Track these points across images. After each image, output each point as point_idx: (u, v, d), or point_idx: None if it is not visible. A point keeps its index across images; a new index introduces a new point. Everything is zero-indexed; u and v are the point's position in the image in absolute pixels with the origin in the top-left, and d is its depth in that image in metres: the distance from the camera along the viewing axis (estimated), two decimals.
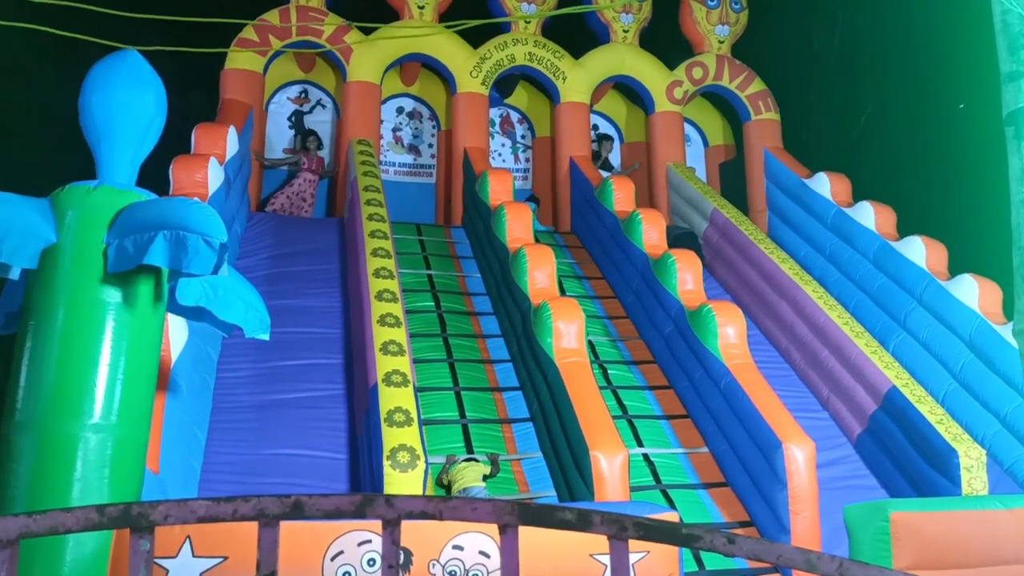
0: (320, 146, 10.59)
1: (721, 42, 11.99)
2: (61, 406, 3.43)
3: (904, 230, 8.54)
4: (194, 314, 4.40)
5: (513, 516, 1.34)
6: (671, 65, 11.78)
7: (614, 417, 6.49)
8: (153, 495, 4.36)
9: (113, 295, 3.56)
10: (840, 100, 11.88)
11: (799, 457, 5.89)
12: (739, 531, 6.00)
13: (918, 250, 8.02)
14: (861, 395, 7.20)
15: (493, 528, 1.52)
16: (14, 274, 3.75)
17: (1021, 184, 2.94)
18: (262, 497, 1.32)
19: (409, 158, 11.86)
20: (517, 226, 8.47)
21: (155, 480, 4.52)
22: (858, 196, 9.35)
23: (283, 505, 1.31)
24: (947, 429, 6.45)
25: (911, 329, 7.75)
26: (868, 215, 8.80)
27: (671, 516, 3.79)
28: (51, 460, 3.39)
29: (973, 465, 6.22)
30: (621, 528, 1.36)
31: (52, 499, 3.36)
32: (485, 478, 6.05)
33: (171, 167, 6.99)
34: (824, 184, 9.57)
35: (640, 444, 6.87)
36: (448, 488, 6.04)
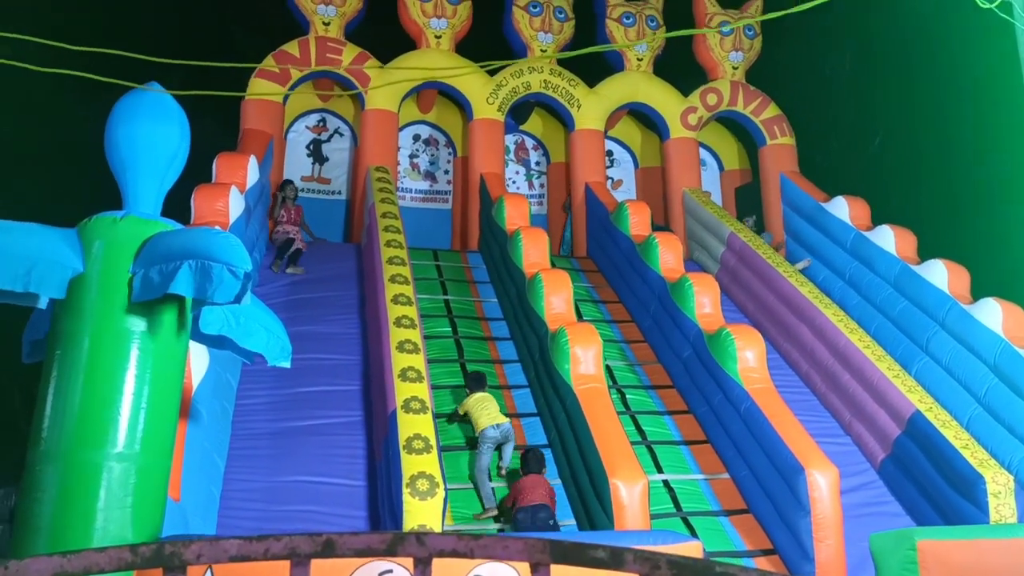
0: (296, 196, 9.62)
1: (735, 68, 12.05)
2: (85, 435, 3.46)
3: (924, 254, 8.48)
4: (216, 342, 4.44)
5: (545, 555, 1.33)
6: (685, 91, 11.84)
7: (633, 443, 6.44)
8: (174, 523, 4.36)
9: (138, 324, 3.60)
10: (853, 123, 11.88)
11: (822, 483, 5.82)
12: (762, 560, 5.92)
13: (940, 274, 7.95)
14: (884, 419, 7.11)
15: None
16: (42, 303, 3.80)
17: None
18: (293, 536, 1.32)
19: (425, 184, 11.95)
20: (534, 251, 8.49)
21: (176, 508, 4.53)
22: (876, 219, 9.31)
23: (314, 544, 1.32)
24: (973, 454, 6.35)
25: (934, 353, 7.66)
26: (888, 239, 8.75)
27: (694, 546, 3.75)
28: (75, 489, 3.40)
29: (1000, 491, 6.10)
30: (654, 566, 1.35)
31: (75, 528, 3.37)
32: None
33: (193, 196, 7.08)
34: (842, 208, 9.54)
35: (660, 470, 6.81)
36: (472, 423, 6.52)
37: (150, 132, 3.99)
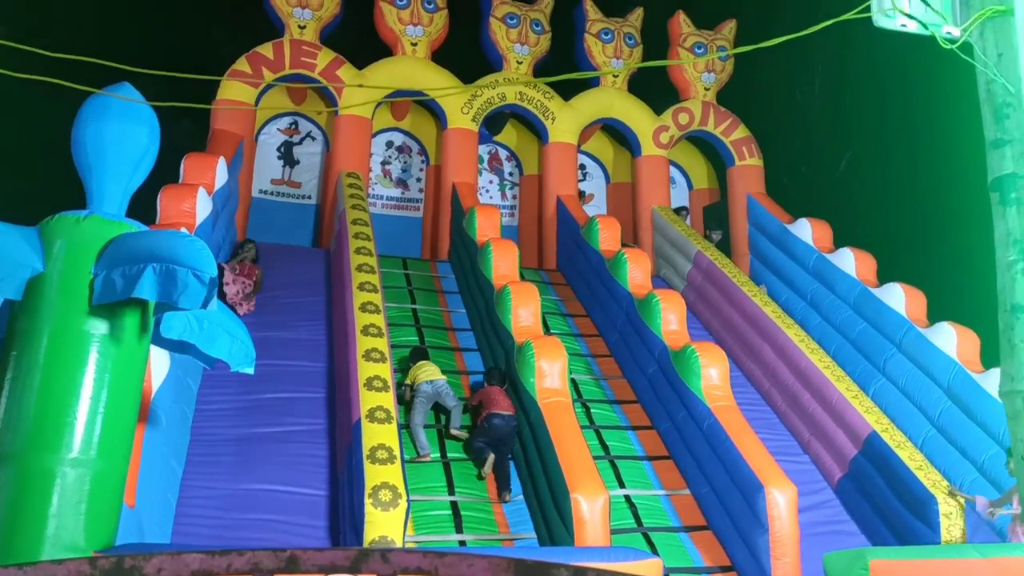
0: (257, 257, 8.57)
1: (707, 89, 12.25)
2: (40, 439, 3.38)
3: (887, 276, 8.68)
4: (178, 347, 4.36)
5: (509, 573, 1.34)
6: (658, 109, 11.99)
7: (596, 458, 6.48)
8: (128, 530, 4.27)
9: (98, 327, 3.53)
10: (822, 147, 12.16)
11: (781, 501, 5.90)
12: None
13: (898, 297, 8.14)
14: (842, 439, 7.25)
15: None
16: None
17: (1006, 248, 3.01)
18: (256, 551, 1.31)
19: (397, 192, 11.92)
20: (503, 263, 8.51)
21: (131, 514, 4.43)
22: (841, 242, 9.51)
23: (278, 559, 1.31)
24: (926, 476, 6.50)
25: (891, 375, 7.83)
26: (848, 261, 8.94)
27: (654, 563, 3.77)
28: (28, 495, 3.32)
29: (952, 512, 6.25)
30: None
31: (26, 534, 3.29)
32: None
33: (159, 196, 6.97)
34: (806, 230, 9.72)
35: (622, 485, 6.85)
36: (412, 387, 7.06)
37: (118, 132, 3.92)
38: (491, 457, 6.66)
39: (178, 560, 1.27)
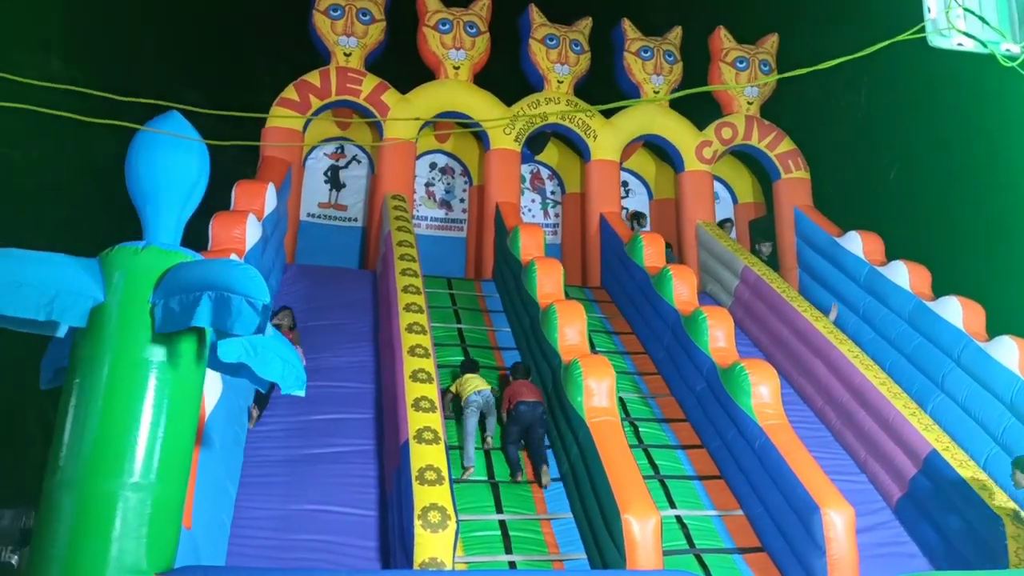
0: (294, 324, 7.87)
1: (750, 103, 12.13)
2: (102, 464, 3.48)
3: (940, 290, 8.44)
4: (233, 370, 4.46)
5: None
6: (700, 125, 11.91)
7: (646, 477, 6.40)
8: (185, 552, 4.35)
9: (157, 354, 3.64)
10: (868, 158, 11.91)
11: (838, 523, 5.75)
12: None
13: (955, 310, 7.90)
14: (900, 458, 7.03)
15: None
16: (61, 332, 3.83)
17: None
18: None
19: (441, 212, 12.02)
20: (548, 282, 8.51)
21: (187, 536, 4.52)
22: (890, 255, 9.29)
23: None
24: (991, 496, 6.26)
25: (949, 391, 7.59)
26: (902, 274, 8.72)
27: None
28: (90, 519, 3.41)
29: (1020, 535, 6.00)
30: None
31: (90, 558, 3.38)
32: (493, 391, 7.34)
33: (211, 223, 7.16)
34: (856, 243, 9.52)
35: (673, 506, 6.74)
36: (457, 398, 7.25)
37: (170, 162, 4.03)
38: (524, 455, 7.04)
39: None
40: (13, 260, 3.58)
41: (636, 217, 11.54)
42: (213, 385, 5.61)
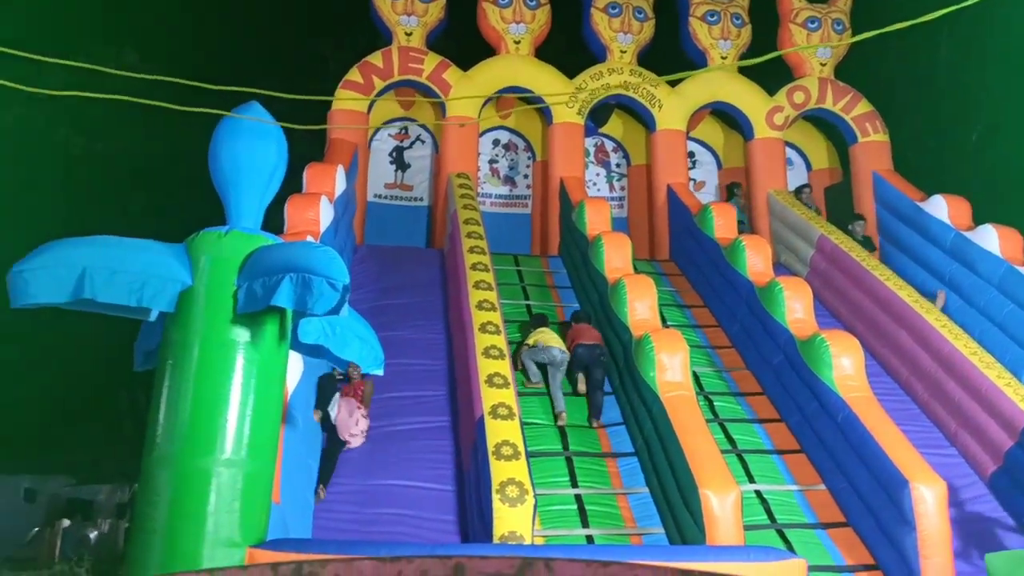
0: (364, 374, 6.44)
1: (823, 64, 11.65)
2: (195, 442, 3.61)
3: None
4: (313, 351, 4.56)
5: None
6: (771, 90, 11.51)
7: (723, 452, 6.29)
8: (275, 526, 4.49)
9: (243, 335, 3.74)
10: (950, 118, 11.31)
11: (928, 497, 5.55)
12: (864, 575, 5.68)
13: None
14: (994, 430, 6.72)
15: None
16: (151, 316, 3.98)
17: None
18: (425, 558, 1.33)
19: (505, 189, 12.00)
20: (616, 256, 8.40)
21: (276, 511, 4.66)
22: (977, 219, 8.83)
23: (445, 567, 1.32)
24: None
25: None
26: (991, 239, 8.29)
27: (798, 564, 3.62)
28: (187, 494, 3.56)
29: None
30: None
31: (188, 532, 3.53)
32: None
33: (286, 206, 7.30)
34: (941, 207, 9.09)
35: (752, 480, 6.61)
36: (531, 347, 7.57)
37: (250, 151, 4.15)
38: (581, 377, 7.48)
39: (352, 567, 1.31)
40: (106, 247, 3.73)
41: (732, 188, 11.25)
42: (295, 365, 5.76)
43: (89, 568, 9.68)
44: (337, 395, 6.54)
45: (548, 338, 7.62)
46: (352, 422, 6.44)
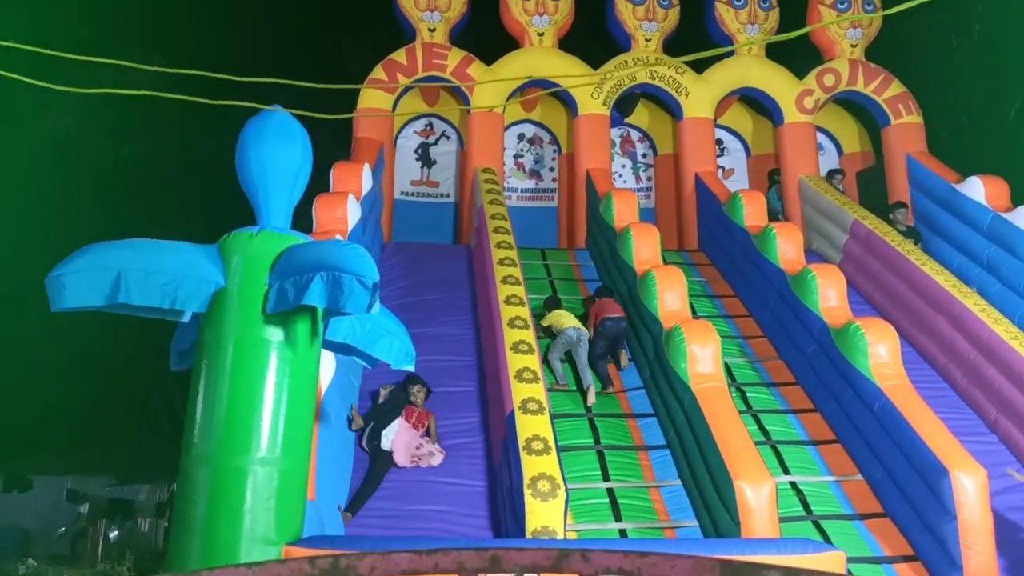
0: (428, 395, 6.68)
1: (854, 46, 11.43)
2: (232, 441, 3.66)
3: None
4: (343, 349, 4.60)
5: (714, 574, 1.28)
6: (800, 73, 11.32)
7: (756, 443, 6.22)
8: (311, 523, 4.54)
9: (276, 334, 3.78)
10: (985, 96, 11.03)
11: (969, 486, 5.44)
12: (904, 567, 5.59)
13: None
14: None
15: None
16: (185, 317, 4.04)
17: None
18: (461, 551, 1.33)
19: (531, 183, 11.98)
20: (645, 248, 8.35)
21: (312, 507, 4.71)
22: (1016, 200, 8.62)
23: (481, 559, 1.32)
24: None
25: None
26: None
27: (837, 556, 3.57)
28: (224, 492, 3.61)
29: None
30: None
31: (226, 529, 3.58)
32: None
33: (314, 205, 7.36)
34: (977, 188, 8.88)
35: (786, 471, 6.53)
36: (548, 331, 7.81)
37: (276, 152, 4.19)
38: (611, 365, 7.77)
39: (389, 560, 1.31)
40: (140, 250, 3.78)
41: (773, 175, 11.07)
42: (327, 363, 5.81)
43: (131, 567, 9.89)
44: (399, 419, 6.29)
45: (564, 320, 7.77)
46: (417, 454, 6.22)
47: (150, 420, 12.76)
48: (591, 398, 7.23)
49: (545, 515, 5.19)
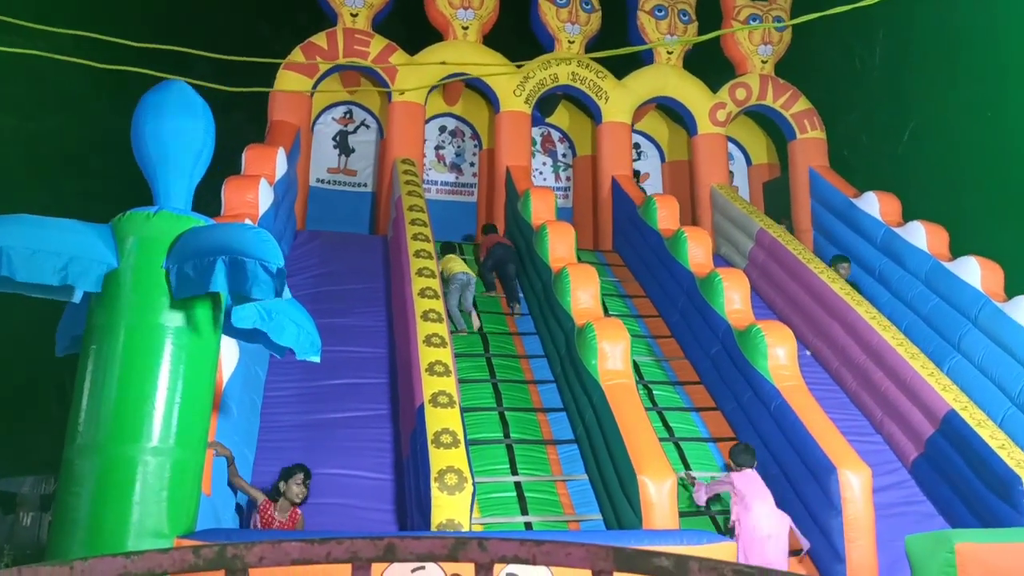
0: (305, 497, 5.36)
1: (764, 62, 11.90)
2: (121, 429, 3.48)
3: (959, 251, 8.32)
4: (248, 336, 4.45)
5: (608, 562, 1.30)
6: (714, 85, 11.70)
7: (661, 440, 6.39)
8: (205, 517, 4.37)
9: (172, 319, 3.61)
10: (885, 117, 11.68)
11: (854, 483, 5.74)
12: (793, 560, 5.85)
13: (973, 271, 7.80)
14: (917, 418, 6.99)
15: None
16: (76, 297, 3.81)
17: None
18: (355, 539, 1.30)
19: (451, 177, 11.92)
20: (560, 245, 8.44)
21: (207, 502, 4.54)
22: (908, 216, 9.16)
23: (376, 548, 1.29)
24: (1010, 455, 6.22)
25: (966, 351, 7.53)
26: (919, 235, 8.61)
27: (728, 545, 3.70)
28: (111, 483, 3.43)
29: None
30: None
31: (112, 522, 3.40)
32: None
33: (223, 188, 7.10)
34: (873, 203, 9.39)
35: (688, 467, 6.75)
36: (445, 276, 8.27)
37: (175, 127, 3.95)
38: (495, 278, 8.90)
39: (279, 549, 1.27)
40: (27, 226, 3.55)
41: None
42: (230, 352, 5.61)
43: (10, 562, 9.29)
44: (256, 516, 5.25)
45: (454, 265, 8.48)
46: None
47: (39, 409, 12.02)
48: (476, 322, 8.26)
49: (451, 508, 5.17)
